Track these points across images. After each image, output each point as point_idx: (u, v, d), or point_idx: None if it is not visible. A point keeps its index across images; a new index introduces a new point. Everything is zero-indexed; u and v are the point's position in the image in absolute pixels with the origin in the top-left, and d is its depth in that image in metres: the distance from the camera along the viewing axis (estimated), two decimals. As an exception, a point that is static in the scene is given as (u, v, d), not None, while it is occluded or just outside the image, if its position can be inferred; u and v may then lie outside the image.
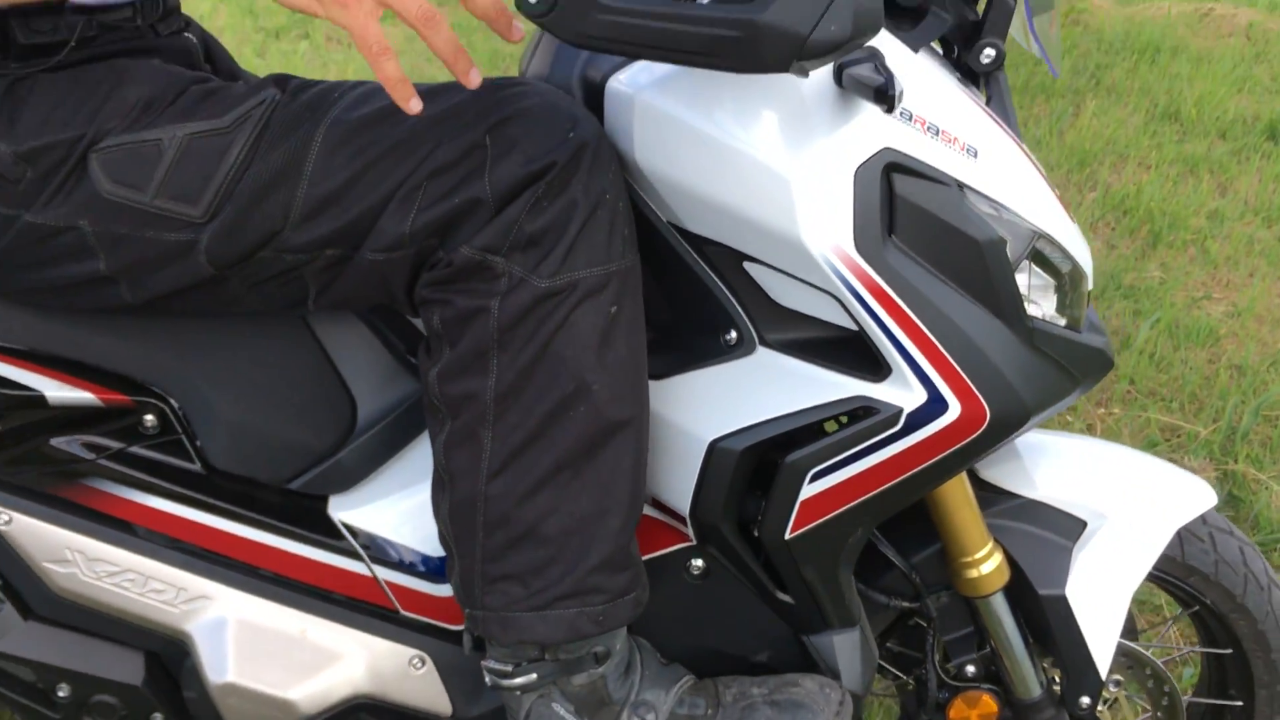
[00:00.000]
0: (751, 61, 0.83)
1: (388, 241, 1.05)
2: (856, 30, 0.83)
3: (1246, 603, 1.43)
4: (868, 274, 1.04)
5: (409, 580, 1.26)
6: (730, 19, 0.82)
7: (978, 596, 1.30)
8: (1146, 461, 1.42)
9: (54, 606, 1.26)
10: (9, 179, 1.04)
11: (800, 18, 0.81)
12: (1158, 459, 1.45)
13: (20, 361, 1.17)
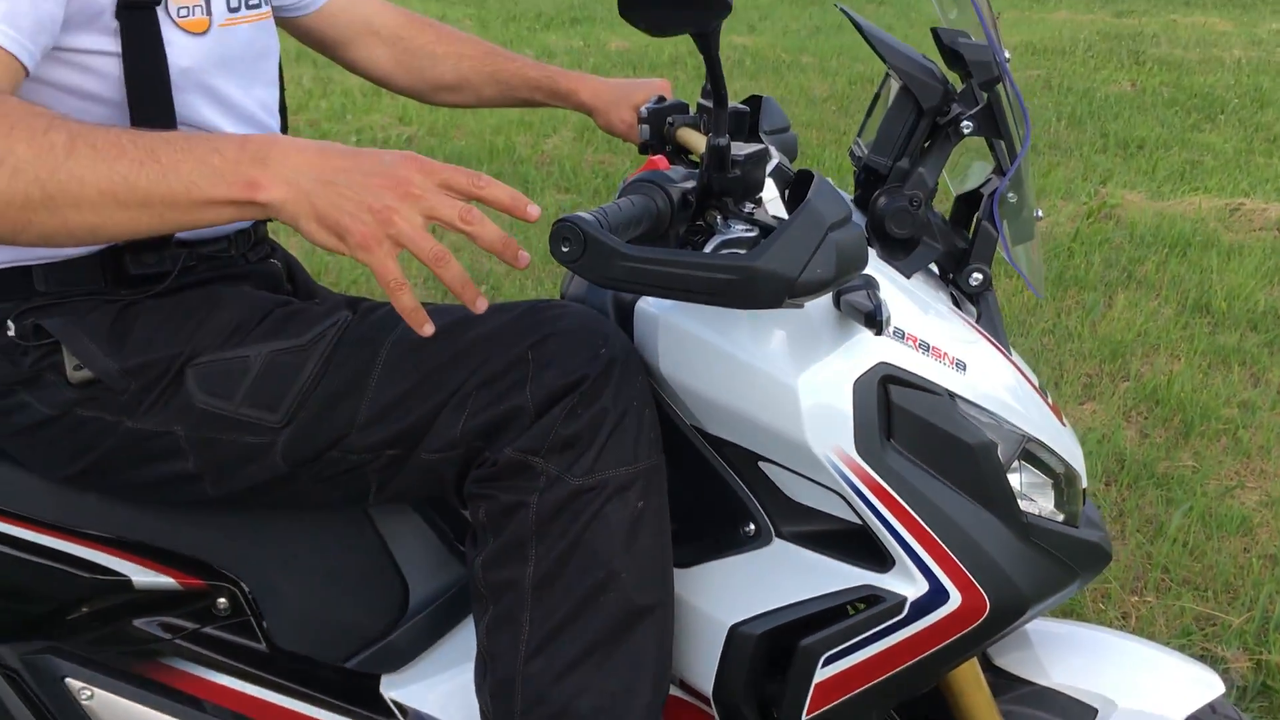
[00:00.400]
0: (749, 300, 0.97)
1: (441, 443, 1.18)
2: (840, 271, 0.97)
3: None
4: (869, 474, 1.16)
5: (454, 757, 1.35)
6: (730, 265, 0.97)
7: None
8: (1156, 652, 1.48)
9: (125, 780, 1.36)
10: (116, 391, 1.20)
11: (790, 263, 0.95)
12: (1167, 649, 1.51)
13: (110, 549, 1.30)
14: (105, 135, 1.00)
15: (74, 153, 0.98)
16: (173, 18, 1.22)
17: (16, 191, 0.97)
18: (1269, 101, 8.18)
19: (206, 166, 0.99)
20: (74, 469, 1.24)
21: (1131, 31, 11.78)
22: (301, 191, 0.98)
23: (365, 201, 0.97)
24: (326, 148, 1.01)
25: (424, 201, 0.98)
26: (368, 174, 0.98)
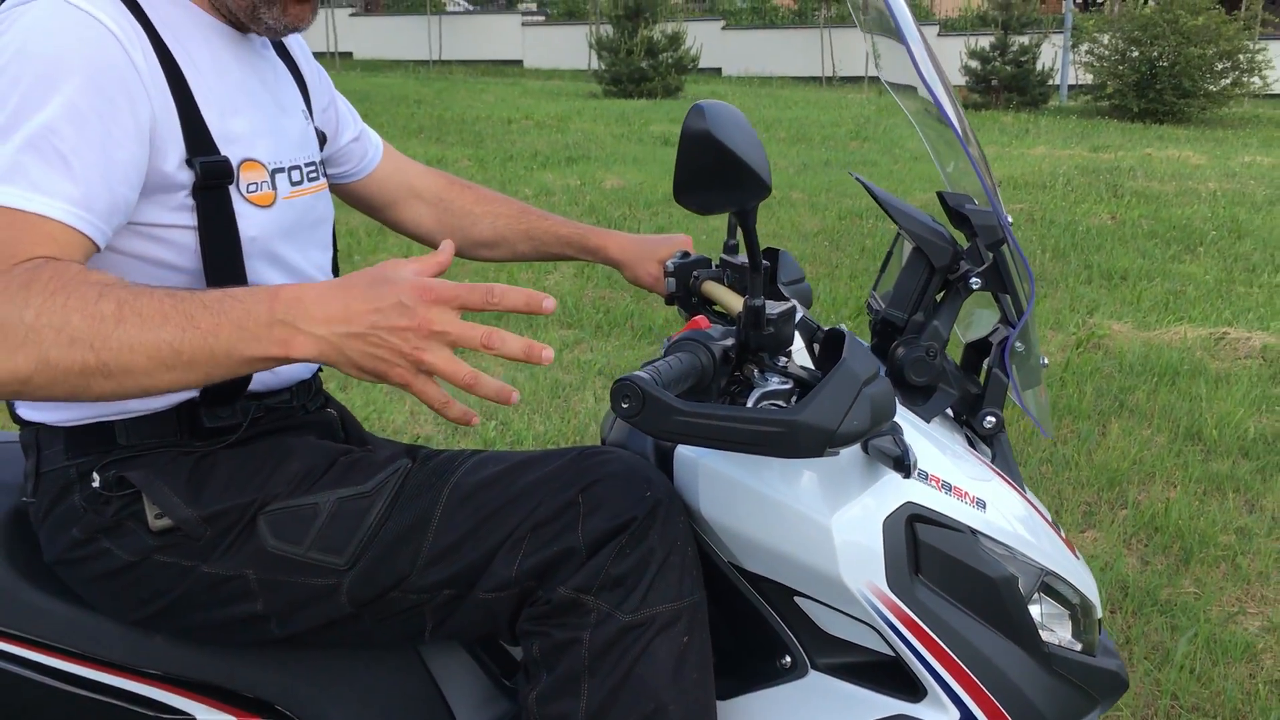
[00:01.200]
0: (792, 451, 1.06)
1: (496, 583, 1.26)
2: (874, 422, 1.07)
3: None
4: (900, 607, 1.24)
5: None
6: (775, 419, 1.06)
7: None
8: None
9: None
10: (193, 537, 1.28)
11: (830, 416, 1.05)
12: None
13: (176, 688, 1.36)
14: (150, 302, 1.08)
15: (123, 321, 1.06)
16: (243, 193, 1.33)
17: (75, 360, 1.06)
18: (1245, 232, 8.43)
19: (243, 331, 1.07)
20: (146, 612, 1.32)
21: (1109, 165, 12.16)
22: (333, 346, 1.07)
23: (396, 347, 1.06)
24: (348, 293, 1.08)
25: (448, 336, 1.06)
26: (392, 321, 1.06)
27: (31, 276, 1.07)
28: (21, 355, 1.04)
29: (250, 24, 1.39)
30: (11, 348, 1.04)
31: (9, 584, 1.35)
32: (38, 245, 1.11)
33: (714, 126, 1.06)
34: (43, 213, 1.12)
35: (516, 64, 30.39)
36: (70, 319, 1.05)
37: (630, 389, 1.07)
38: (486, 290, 1.08)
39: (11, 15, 1.20)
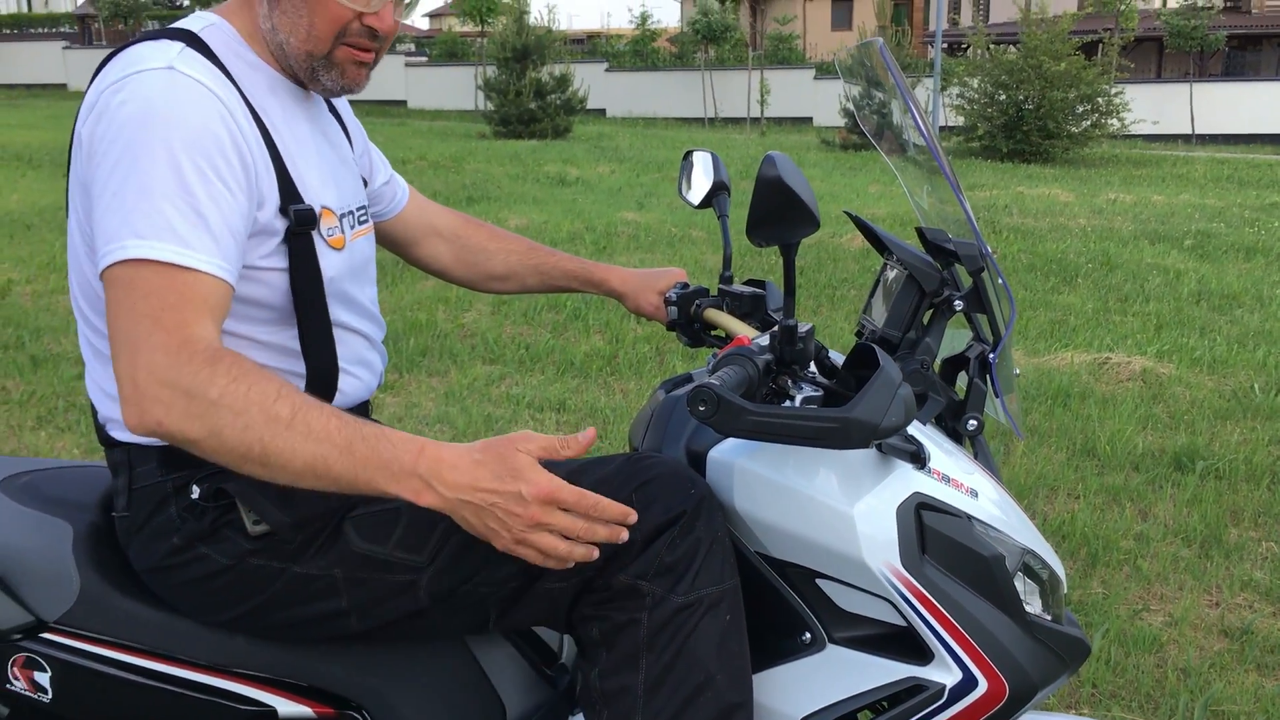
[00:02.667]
0: (844, 442, 1.26)
1: (560, 574, 1.42)
2: (907, 417, 1.27)
3: None
4: (913, 583, 1.44)
5: None
6: (831, 416, 1.26)
7: None
8: None
9: None
10: (285, 541, 1.41)
11: (875, 412, 1.25)
12: None
13: (259, 684, 1.49)
14: (319, 419, 1.24)
15: (293, 428, 1.22)
16: (324, 238, 1.49)
17: (243, 444, 1.22)
18: (1116, 265, 9.01)
19: (386, 470, 1.24)
20: (236, 612, 1.44)
21: (985, 203, 12.79)
22: (454, 507, 1.25)
23: (506, 525, 1.25)
24: (478, 469, 1.24)
25: (552, 527, 1.26)
26: (508, 506, 1.24)
27: (216, 356, 1.23)
28: (199, 424, 1.21)
29: (310, 84, 1.54)
30: (193, 415, 1.20)
31: (100, 594, 1.46)
32: (198, 305, 1.26)
33: (783, 174, 1.26)
34: (197, 268, 1.27)
35: (400, 104, 30.35)
36: (250, 409, 1.21)
37: (707, 395, 1.26)
38: (593, 503, 1.27)
39: (128, 86, 1.34)
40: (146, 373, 1.22)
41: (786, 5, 48.99)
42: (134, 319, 1.24)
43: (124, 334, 1.25)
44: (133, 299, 1.25)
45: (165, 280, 1.26)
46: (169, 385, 1.21)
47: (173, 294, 1.25)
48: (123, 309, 1.26)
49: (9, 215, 9.66)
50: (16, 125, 19.45)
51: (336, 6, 1.46)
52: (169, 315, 1.24)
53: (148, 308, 1.25)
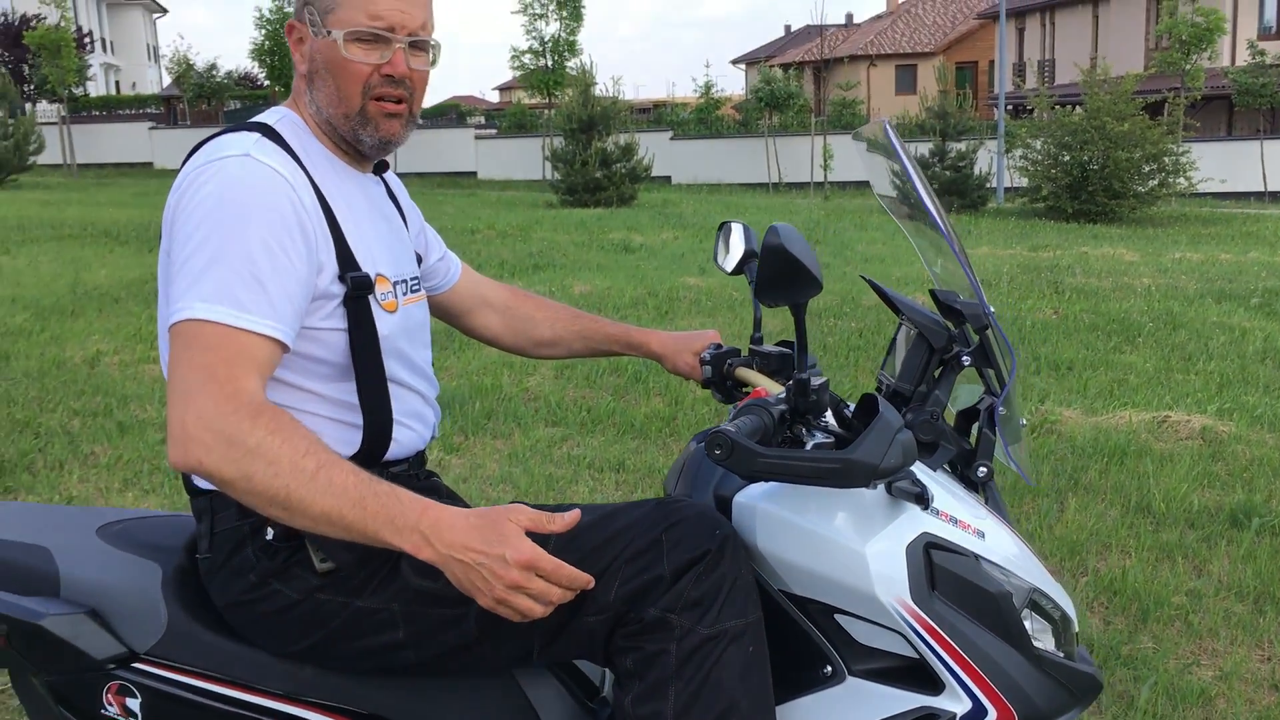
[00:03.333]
0: (846, 481, 1.39)
1: (597, 608, 1.56)
2: (905, 461, 1.40)
3: None
4: (923, 617, 1.55)
5: None
6: (834, 458, 1.39)
7: None
8: None
9: None
10: (350, 576, 1.57)
11: (874, 454, 1.38)
12: None
13: (327, 712, 1.63)
14: (339, 475, 1.42)
15: (315, 481, 1.41)
16: (378, 302, 1.66)
17: (270, 489, 1.40)
18: (1180, 324, 8.97)
19: (392, 525, 1.42)
20: (306, 643, 1.60)
21: (1049, 264, 12.79)
22: (446, 562, 1.42)
23: (488, 583, 1.41)
24: (471, 532, 1.41)
25: (528, 590, 1.41)
26: (492, 567, 1.40)
27: (259, 409, 1.42)
28: (234, 467, 1.39)
29: (355, 145, 1.73)
30: (230, 459, 1.39)
31: (185, 627, 1.63)
32: (248, 362, 1.45)
33: (786, 243, 1.41)
34: (249, 328, 1.46)
35: (471, 175, 31.05)
36: (280, 460, 1.40)
37: (722, 440, 1.40)
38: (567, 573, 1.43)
39: (210, 169, 1.54)
40: (195, 417, 1.40)
41: (850, 71, 49.45)
42: (190, 370, 1.43)
43: (180, 382, 1.44)
44: (191, 353, 1.44)
45: (221, 338, 1.45)
46: (212, 430, 1.40)
47: (226, 351, 1.44)
48: (181, 361, 1.44)
49: (98, 289, 10.11)
50: (105, 203, 20.26)
51: (354, 66, 1.66)
52: (221, 369, 1.43)
53: (203, 361, 1.43)
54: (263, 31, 32.11)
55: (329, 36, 1.66)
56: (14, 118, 25.80)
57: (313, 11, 1.67)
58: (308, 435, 1.44)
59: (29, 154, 25.58)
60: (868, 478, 1.39)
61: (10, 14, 37.98)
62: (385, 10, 1.65)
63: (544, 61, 28.98)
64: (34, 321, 8.52)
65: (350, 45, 1.65)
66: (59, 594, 1.63)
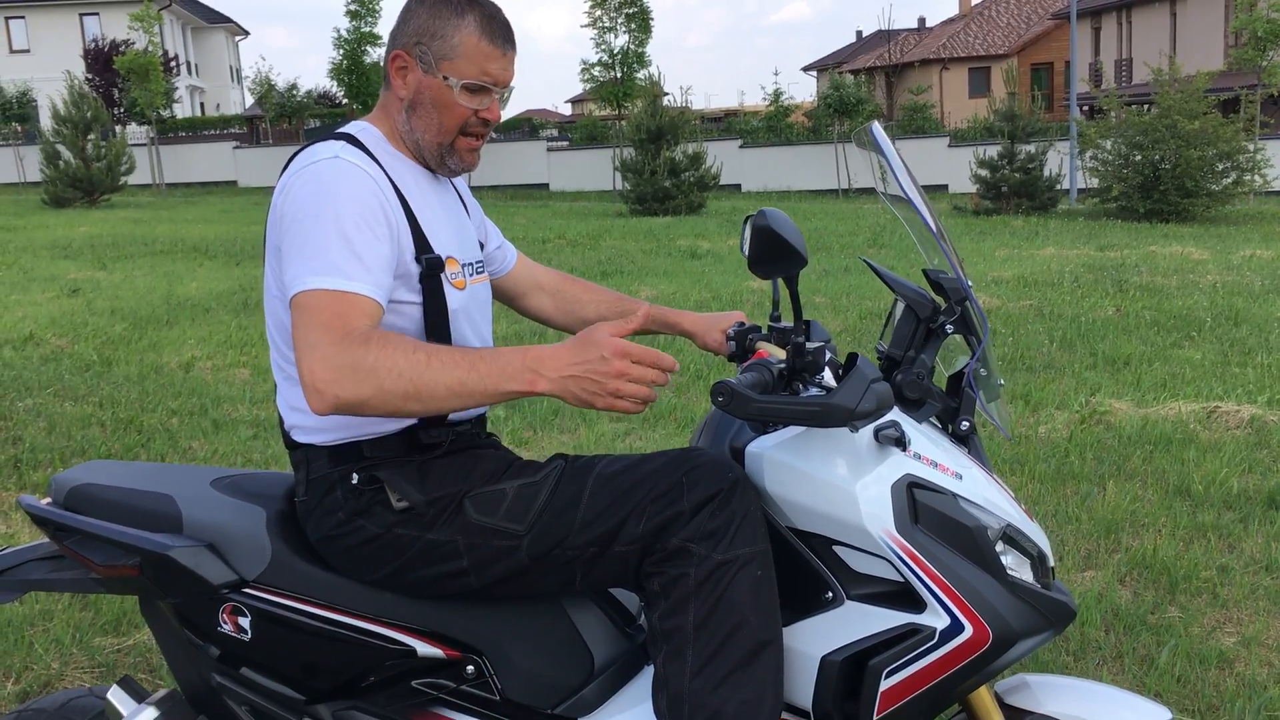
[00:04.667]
0: (827, 422, 1.66)
1: (628, 539, 1.85)
2: (879, 405, 1.67)
3: None
4: (907, 546, 1.81)
5: (630, 773, 1.95)
6: (816, 401, 1.66)
7: (1009, 779, 1.94)
8: (1124, 693, 2.08)
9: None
10: (421, 515, 1.87)
11: (850, 399, 1.65)
12: (1133, 693, 2.10)
13: (403, 630, 1.94)
14: (448, 354, 1.71)
15: (431, 366, 1.69)
16: (449, 280, 1.97)
17: (399, 389, 1.68)
18: (1243, 319, 9.01)
19: (505, 374, 1.70)
20: (385, 571, 1.91)
21: (1114, 263, 12.82)
22: (560, 384, 1.69)
23: (603, 385, 1.68)
24: (569, 352, 1.69)
25: (630, 378, 1.68)
26: (596, 368, 1.68)
27: (367, 337, 1.71)
28: (366, 386, 1.67)
29: (438, 168, 2.04)
30: (360, 381, 1.67)
31: (286, 559, 1.95)
32: (357, 314, 1.74)
33: (772, 223, 1.70)
34: (356, 291, 1.76)
35: (543, 187, 31.55)
36: (398, 362, 1.68)
37: (724, 388, 1.68)
38: (654, 356, 1.71)
39: (307, 172, 1.86)
40: (320, 363, 1.70)
41: (922, 75, 49.24)
42: (310, 328, 1.73)
43: (303, 340, 1.73)
44: (309, 315, 1.74)
45: (332, 301, 1.75)
46: (336, 367, 1.68)
47: (337, 308, 1.74)
48: (302, 324, 1.75)
49: (190, 300, 10.66)
50: (193, 220, 21.06)
51: (460, 108, 1.97)
52: (335, 321, 1.73)
53: (320, 319, 1.74)
54: (341, 51, 32.96)
55: (444, 80, 1.97)
56: (105, 140, 26.86)
57: (426, 52, 1.97)
58: (408, 338, 1.74)
59: (120, 174, 26.62)
60: (845, 419, 1.66)
61: (100, 39, 39.43)
62: (496, 71, 1.97)
63: (614, 74, 29.43)
64: (132, 331, 9.05)
65: (462, 92, 1.96)
66: (182, 531, 1.96)
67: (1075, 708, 2.02)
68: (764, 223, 1.72)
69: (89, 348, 8.34)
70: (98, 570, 1.96)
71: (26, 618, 3.71)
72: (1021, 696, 2.04)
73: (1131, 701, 2.05)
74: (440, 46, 1.95)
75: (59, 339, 8.70)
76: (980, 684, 1.90)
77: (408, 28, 1.98)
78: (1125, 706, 2.04)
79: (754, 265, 1.76)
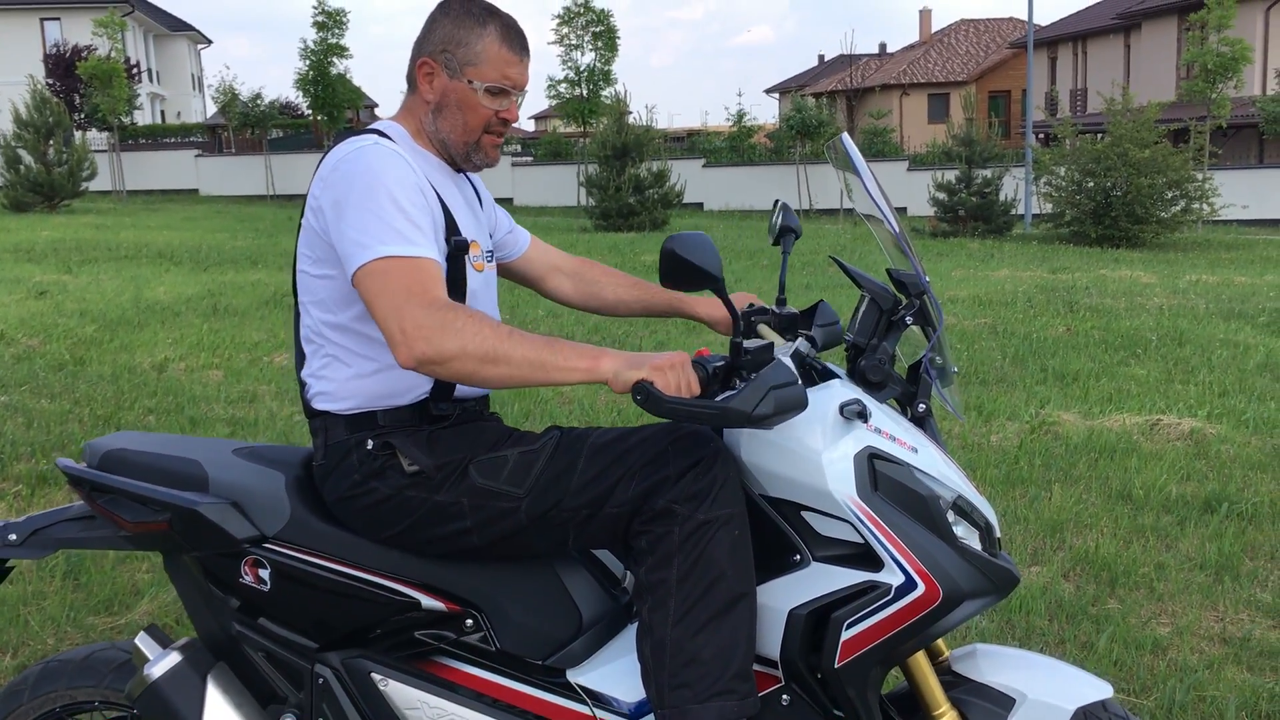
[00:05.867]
0: (726, 423, 1.86)
1: (619, 502, 2.04)
2: (778, 410, 1.87)
3: None
4: (867, 510, 2.02)
5: (614, 719, 2.14)
6: (715, 405, 1.86)
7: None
8: (1065, 665, 2.28)
9: (406, 741, 2.14)
10: (430, 478, 2.06)
11: (747, 404, 1.85)
12: (1075, 666, 2.30)
13: (410, 584, 2.13)
14: (522, 333, 1.92)
15: (511, 338, 1.90)
16: (471, 262, 2.17)
17: (482, 350, 1.88)
18: (1187, 340, 9.36)
19: (575, 353, 1.92)
20: (395, 530, 2.09)
21: (1066, 285, 13.19)
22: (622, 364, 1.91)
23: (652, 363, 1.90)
24: (638, 354, 1.92)
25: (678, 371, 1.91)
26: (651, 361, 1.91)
27: (449, 305, 1.92)
28: (454, 342, 1.88)
29: (464, 164, 2.24)
30: (448, 337, 1.88)
31: (304, 518, 2.13)
32: (431, 278, 1.95)
33: (676, 246, 1.93)
34: (421, 255, 1.96)
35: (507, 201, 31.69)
36: (481, 330, 1.89)
37: (640, 388, 1.88)
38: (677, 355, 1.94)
39: (352, 157, 2.05)
40: (411, 322, 1.90)
41: (883, 100, 49.93)
42: (392, 293, 1.93)
43: (388, 304, 1.93)
44: (387, 280, 1.94)
45: (404, 265, 1.95)
46: (427, 326, 1.89)
47: (413, 272, 1.94)
48: (382, 290, 1.94)
49: (159, 304, 10.74)
50: (156, 227, 21.03)
51: (484, 110, 2.17)
52: (415, 285, 1.93)
53: (400, 284, 1.93)
54: (307, 62, 32.97)
55: (469, 84, 2.17)
56: (67, 145, 26.73)
57: (451, 58, 2.17)
58: (485, 314, 1.96)
59: (82, 180, 26.50)
60: (742, 422, 1.86)
61: (62, 44, 39.18)
62: (514, 75, 2.18)
63: (579, 91, 29.68)
64: (103, 332, 9.13)
65: (485, 95, 2.17)
66: (208, 491, 2.13)
67: (1014, 677, 2.19)
68: (669, 248, 1.95)
69: (61, 347, 8.42)
70: (127, 527, 2.13)
71: (21, 597, 3.85)
72: (966, 664, 2.24)
73: (1074, 674, 2.24)
74: (465, 54, 2.15)
75: (29, 339, 8.77)
76: (933, 638, 2.11)
77: (433, 37, 2.18)
78: (1067, 679, 2.21)
79: (664, 281, 1.99)
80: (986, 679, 2.21)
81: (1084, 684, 2.22)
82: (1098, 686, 2.21)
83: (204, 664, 2.15)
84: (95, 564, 4.16)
